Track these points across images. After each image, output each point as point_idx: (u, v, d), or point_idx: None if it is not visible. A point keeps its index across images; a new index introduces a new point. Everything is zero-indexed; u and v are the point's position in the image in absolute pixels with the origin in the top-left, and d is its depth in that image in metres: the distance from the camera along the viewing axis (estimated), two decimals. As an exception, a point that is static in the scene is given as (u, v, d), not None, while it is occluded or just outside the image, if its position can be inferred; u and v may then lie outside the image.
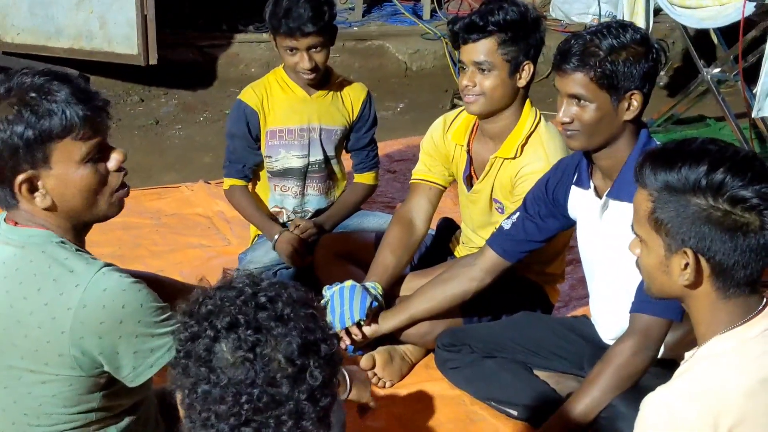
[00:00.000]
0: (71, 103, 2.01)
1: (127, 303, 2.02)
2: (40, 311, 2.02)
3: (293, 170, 3.87)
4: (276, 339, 1.52)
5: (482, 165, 3.38)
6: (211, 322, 1.54)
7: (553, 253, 3.43)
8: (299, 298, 1.59)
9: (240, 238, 4.38)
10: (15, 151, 2.01)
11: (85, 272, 2.02)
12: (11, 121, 1.99)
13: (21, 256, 2.06)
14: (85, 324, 2.00)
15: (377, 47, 7.11)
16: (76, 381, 2.08)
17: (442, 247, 3.77)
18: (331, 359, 1.57)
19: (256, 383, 1.50)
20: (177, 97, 6.43)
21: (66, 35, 5.96)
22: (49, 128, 2.00)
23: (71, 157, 2.03)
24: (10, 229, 2.10)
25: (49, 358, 2.04)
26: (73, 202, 2.08)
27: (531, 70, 3.25)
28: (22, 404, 2.11)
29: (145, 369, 2.08)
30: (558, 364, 3.16)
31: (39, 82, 2.03)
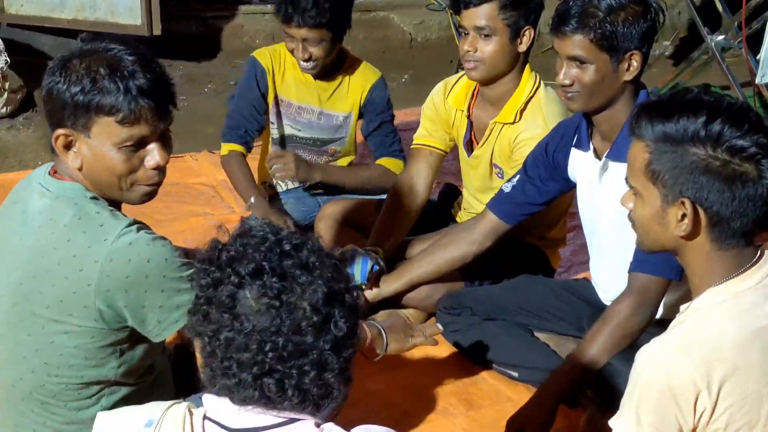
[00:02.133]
0: (132, 91, 2.02)
1: (152, 257, 2.06)
2: (68, 262, 2.06)
3: (293, 139, 3.88)
4: (301, 287, 1.51)
5: (482, 130, 3.38)
6: (235, 269, 1.52)
7: (554, 217, 3.43)
8: (322, 248, 1.58)
9: (243, 207, 4.39)
10: (64, 106, 2.05)
11: (113, 227, 2.06)
12: (73, 79, 2.04)
13: (55, 207, 2.10)
14: (111, 277, 2.04)
15: (382, 18, 7.09)
16: (98, 334, 2.11)
17: (444, 213, 3.77)
18: (354, 310, 1.56)
19: (281, 331, 1.49)
20: (181, 68, 6.42)
21: (69, 6, 5.93)
22: (98, 102, 2.03)
23: (109, 137, 2.06)
24: (49, 180, 2.14)
25: (74, 309, 2.08)
26: (97, 175, 2.12)
27: (531, 35, 3.24)
28: (43, 353, 2.14)
29: (170, 324, 2.12)
30: (558, 326, 3.17)
31: (119, 56, 2.05)
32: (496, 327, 3.18)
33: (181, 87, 6.17)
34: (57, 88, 2.06)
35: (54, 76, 2.07)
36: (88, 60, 2.06)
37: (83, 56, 2.07)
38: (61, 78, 2.06)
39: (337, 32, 3.63)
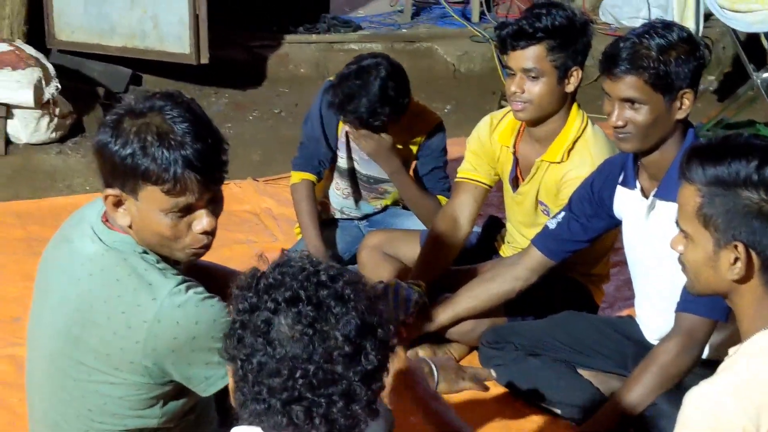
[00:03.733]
0: (178, 163, 1.99)
1: (200, 319, 2.04)
2: (117, 318, 2.05)
3: (346, 171, 3.91)
4: (335, 317, 1.53)
5: (528, 167, 3.38)
6: (272, 295, 1.54)
7: (599, 254, 3.42)
8: (359, 281, 1.60)
9: (286, 235, 4.43)
10: (114, 167, 2.04)
11: (162, 286, 2.05)
12: (122, 142, 2.01)
13: (106, 258, 2.09)
14: (158, 337, 2.03)
15: (426, 49, 7.13)
16: (144, 387, 2.11)
17: (487, 246, 3.77)
18: (386, 344, 1.57)
19: (313, 359, 1.51)
20: (227, 95, 6.50)
21: (119, 34, 6.02)
22: (145, 169, 2.00)
23: (155, 203, 2.03)
24: (101, 228, 2.13)
25: (120, 363, 2.08)
26: (146, 237, 2.10)
27: (579, 76, 3.23)
28: (88, 400, 2.15)
29: (217, 379, 2.10)
30: (602, 363, 3.16)
31: (171, 122, 2.01)
32: (540, 363, 3.17)
33: (227, 114, 6.24)
34: (108, 148, 2.03)
35: (106, 135, 2.04)
36: (140, 122, 2.02)
37: (136, 116, 2.03)
38: (112, 138, 2.03)
39: (379, 129, 3.59)
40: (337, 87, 3.56)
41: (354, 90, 3.49)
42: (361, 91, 3.48)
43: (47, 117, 5.38)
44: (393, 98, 3.52)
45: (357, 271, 1.64)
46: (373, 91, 3.48)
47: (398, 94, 3.54)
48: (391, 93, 3.51)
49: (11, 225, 4.46)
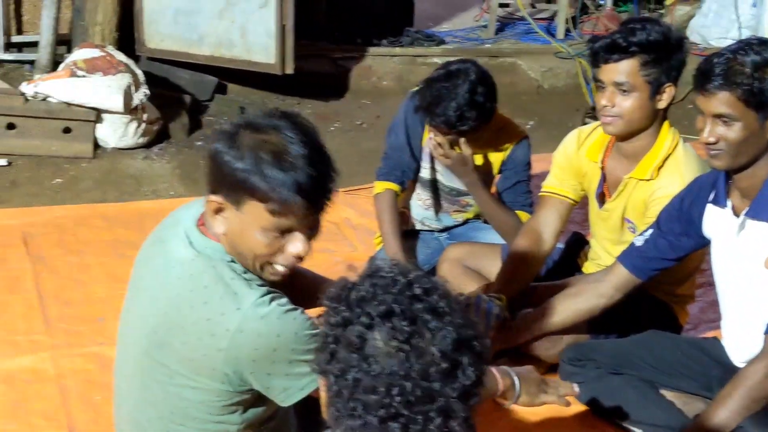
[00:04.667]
0: (287, 185, 1.98)
1: (282, 332, 2.04)
2: (201, 324, 2.07)
3: (428, 182, 3.91)
4: (431, 332, 1.49)
5: (615, 183, 3.34)
6: (365, 309, 1.51)
7: (685, 273, 3.36)
8: (451, 293, 1.56)
9: (366, 245, 4.44)
10: (223, 176, 2.05)
11: (246, 296, 2.05)
12: (237, 154, 2.02)
13: (196, 264, 2.11)
14: (240, 347, 2.05)
15: (509, 64, 7.12)
16: (224, 394, 2.13)
17: (570, 262, 3.74)
18: (482, 357, 1.53)
19: (410, 376, 1.47)
20: (310, 106, 6.56)
21: (207, 43, 6.12)
22: (254, 185, 2.01)
23: (257, 219, 2.04)
24: (195, 233, 2.16)
25: (202, 369, 2.10)
26: (238, 247, 2.10)
27: (672, 92, 3.17)
28: (170, 402, 2.18)
29: (296, 391, 2.11)
30: (686, 385, 3.10)
31: (287, 143, 2.01)
32: (622, 381, 3.13)
33: (310, 125, 6.29)
34: (222, 156, 2.04)
35: (222, 143, 2.06)
36: (257, 137, 2.03)
37: (254, 131, 2.04)
38: (227, 148, 2.04)
39: (467, 134, 3.57)
40: (425, 90, 3.56)
41: (442, 93, 3.48)
42: (450, 95, 3.47)
43: (135, 122, 5.49)
44: (481, 103, 3.50)
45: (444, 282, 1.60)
46: (462, 94, 3.46)
47: (486, 98, 3.52)
48: (480, 98, 3.49)
49: (98, 227, 4.55)
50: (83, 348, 3.54)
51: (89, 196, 4.99)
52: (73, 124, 5.41)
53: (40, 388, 3.32)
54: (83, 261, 4.21)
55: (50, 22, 5.91)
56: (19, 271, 4.08)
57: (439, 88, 3.50)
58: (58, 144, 5.40)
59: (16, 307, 3.82)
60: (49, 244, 4.34)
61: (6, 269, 4.10)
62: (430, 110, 3.52)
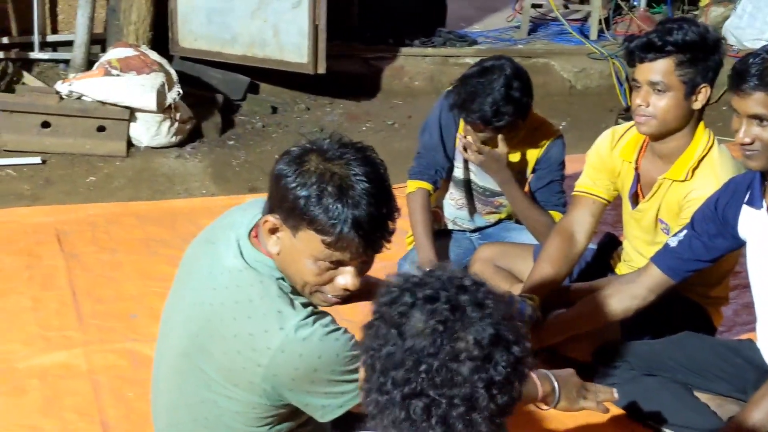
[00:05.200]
0: (347, 221, 1.96)
1: (323, 354, 2.04)
2: (243, 338, 2.06)
3: (461, 182, 3.89)
4: (471, 321, 1.52)
5: (650, 184, 3.31)
6: (413, 292, 1.56)
7: (719, 275, 3.33)
8: (501, 296, 1.59)
9: (397, 244, 4.39)
10: (284, 199, 2.03)
11: (290, 317, 2.05)
12: (301, 181, 2.00)
13: (244, 276, 2.11)
14: (280, 366, 2.04)
15: (542, 65, 7.09)
16: (260, 407, 2.13)
17: (602, 263, 3.71)
18: (520, 362, 1.53)
19: (438, 355, 1.50)
20: (342, 106, 6.56)
21: (240, 42, 6.13)
22: (314, 216, 1.99)
23: (311, 248, 2.03)
24: (247, 244, 2.15)
25: (240, 381, 2.10)
26: (288, 270, 2.10)
27: (708, 93, 3.14)
28: (205, 408, 2.18)
29: (334, 408, 2.11)
30: (720, 387, 3.08)
31: (353, 179, 1.98)
32: (655, 383, 3.11)
33: (341, 124, 6.31)
34: (286, 179, 2.02)
35: (288, 166, 2.03)
36: (324, 167, 1.99)
37: (322, 159, 2.01)
38: (293, 173, 2.01)
39: (502, 130, 3.55)
40: (460, 87, 3.54)
41: (477, 89, 3.46)
42: (485, 90, 3.45)
43: (168, 121, 5.52)
44: (517, 98, 3.48)
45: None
46: (497, 89, 3.44)
47: (522, 93, 3.50)
48: (515, 93, 3.47)
49: (131, 225, 4.57)
50: (115, 344, 3.57)
51: (122, 194, 5.03)
52: (107, 123, 5.44)
53: (73, 383, 3.35)
54: (116, 258, 4.24)
55: (85, 22, 5.95)
56: (52, 268, 4.11)
57: (474, 84, 3.48)
58: (92, 142, 5.44)
59: (50, 303, 3.85)
60: (82, 242, 4.37)
61: (40, 266, 4.13)
62: (466, 107, 3.50)
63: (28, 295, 3.90)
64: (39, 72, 6.20)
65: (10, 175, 5.17)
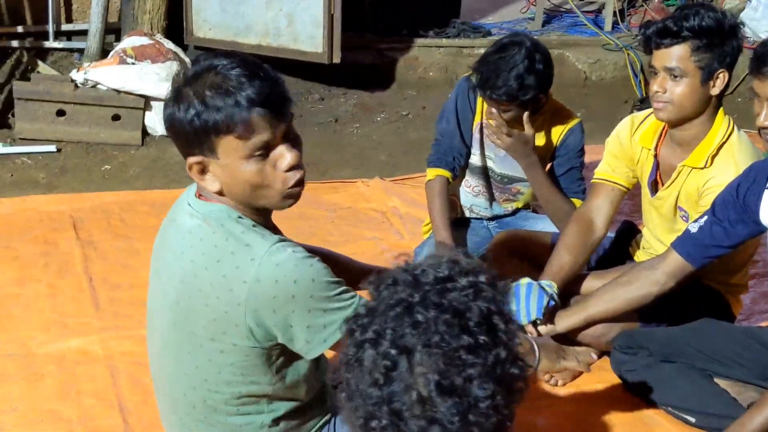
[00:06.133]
0: (241, 104, 2.01)
1: (299, 278, 2.05)
2: (219, 282, 2.08)
3: (478, 169, 3.88)
4: (416, 363, 1.38)
5: (669, 171, 3.29)
6: (366, 327, 1.44)
7: (739, 262, 3.32)
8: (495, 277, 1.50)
9: (413, 234, 4.43)
10: (186, 134, 2.07)
11: (259, 246, 2.07)
12: (185, 107, 2.05)
13: (204, 228, 2.13)
14: (259, 297, 2.05)
15: (557, 56, 7.01)
16: (251, 351, 2.14)
17: (621, 251, 3.70)
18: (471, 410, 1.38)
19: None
20: (356, 97, 6.55)
21: (254, 32, 6.13)
22: (213, 122, 2.02)
23: (235, 152, 2.05)
24: (196, 201, 2.18)
25: (227, 327, 2.11)
26: (239, 193, 2.11)
27: (726, 79, 3.12)
28: (203, 370, 2.19)
29: (318, 343, 2.11)
30: (739, 373, 3.06)
31: (224, 73, 2.04)
32: (674, 370, 3.09)
33: (355, 115, 6.29)
34: (175, 118, 2.07)
35: (170, 108, 2.09)
36: (196, 84, 2.05)
37: (192, 81, 2.07)
38: (176, 107, 2.07)
39: (527, 105, 3.54)
40: (480, 66, 3.53)
41: (500, 65, 3.46)
42: (508, 65, 3.45)
43: (183, 110, 5.50)
44: (540, 70, 3.48)
45: (492, 272, 1.52)
46: (520, 62, 3.44)
47: (544, 65, 3.50)
48: (538, 65, 3.47)
49: (146, 213, 4.57)
50: (132, 330, 3.57)
51: (137, 183, 5.03)
52: (122, 112, 5.44)
53: (90, 369, 3.35)
54: (131, 246, 4.24)
55: (100, 10, 5.95)
56: (69, 256, 4.12)
57: (496, 61, 3.48)
58: (107, 131, 5.44)
59: (66, 290, 3.85)
60: (98, 230, 4.38)
61: (56, 253, 4.14)
62: (490, 84, 3.49)
63: (45, 282, 3.91)
64: (53, 61, 6.20)
65: (26, 163, 5.18)
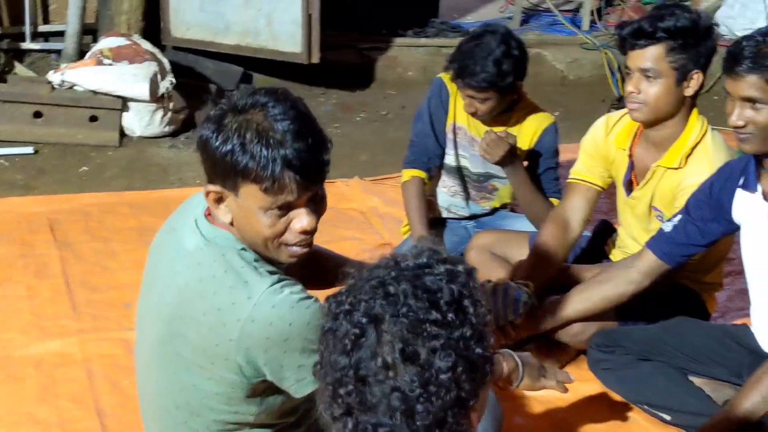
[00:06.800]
0: (277, 161, 1.95)
1: (294, 321, 2.02)
2: (212, 314, 2.05)
3: (453, 169, 3.89)
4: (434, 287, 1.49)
5: (643, 171, 3.31)
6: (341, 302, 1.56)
7: (713, 261, 3.34)
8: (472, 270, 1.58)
9: (392, 233, 4.44)
10: (215, 163, 2.03)
11: (257, 285, 2.03)
12: (223, 138, 2.00)
13: (205, 253, 2.09)
14: (252, 337, 2.02)
15: (534, 55, 7.06)
16: (238, 384, 2.11)
17: (597, 250, 3.72)
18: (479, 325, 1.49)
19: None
20: (335, 96, 6.56)
21: (233, 32, 6.12)
22: (244, 166, 1.98)
23: (255, 201, 2.02)
24: (204, 222, 2.14)
25: (216, 359, 2.08)
26: (246, 233, 2.08)
27: (700, 80, 3.14)
28: (186, 393, 2.16)
29: (308, 383, 2.08)
30: (715, 371, 3.08)
31: (273, 122, 1.99)
32: (651, 368, 3.11)
33: (335, 115, 6.30)
34: (209, 143, 2.02)
35: (208, 130, 2.03)
36: (241, 118, 2.00)
37: (238, 113, 2.02)
38: (214, 134, 2.01)
39: (506, 91, 3.58)
40: (456, 56, 3.56)
41: (475, 52, 3.50)
42: (483, 51, 3.49)
43: (161, 111, 5.50)
44: (516, 55, 3.53)
45: (470, 269, 1.58)
46: (495, 47, 3.49)
47: (520, 51, 3.56)
48: (514, 51, 3.52)
49: (125, 215, 4.57)
50: (110, 333, 3.57)
51: (115, 184, 5.02)
52: (100, 113, 5.43)
53: (68, 371, 3.35)
54: (109, 248, 4.24)
55: (76, 11, 5.93)
56: (46, 258, 4.11)
57: (472, 48, 3.52)
58: (85, 132, 5.42)
59: (44, 292, 3.84)
60: (75, 231, 4.37)
61: (34, 255, 4.13)
62: (468, 71, 3.51)
63: (23, 284, 3.90)
64: (30, 62, 6.18)
65: (3, 165, 5.16)
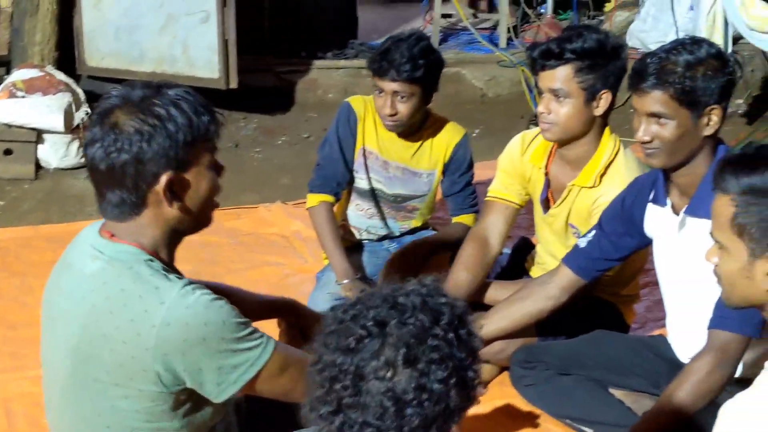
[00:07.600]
0: (199, 113, 2.11)
1: (209, 320, 2.02)
2: (125, 327, 2.03)
3: (367, 192, 3.89)
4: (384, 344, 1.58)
5: (560, 189, 3.36)
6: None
7: (629, 275, 3.40)
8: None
9: (316, 257, 4.43)
10: (160, 154, 2.05)
11: (168, 290, 2.03)
12: (126, 139, 2.03)
13: (108, 271, 2.08)
14: (168, 341, 2.01)
15: (453, 74, 7.14)
16: (158, 397, 2.09)
17: (518, 267, 3.75)
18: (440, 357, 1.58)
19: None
20: (256, 120, 6.54)
21: (149, 59, 6.08)
22: (206, 129, 2.10)
23: (202, 162, 2.11)
24: (103, 243, 2.11)
25: (134, 373, 2.06)
26: (196, 208, 2.12)
27: (609, 99, 3.20)
28: (105, 417, 2.13)
29: (228, 385, 2.08)
30: (634, 383, 3.12)
31: (172, 92, 2.13)
32: (571, 382, 3.15)
33: (256, 139, 6.29)
34: (136, 149, 2.03)
35: (114, 145, 2.04)
36: (133, 110, 2.07)
37: (124, 111, 2.07)
38: (123, 139, 2.05)
39: (427, 90, 3.63)
40: (379, 53, 3.63)
41: (391, 46, 3.59)
42: (398, 45, 3.57)
43: (77, 142, 5.44)
44: (429, 52, 3.62)
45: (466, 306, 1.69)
46: (410, 42, 3.59)
47: (432, 50, 3.67)
48: (427, 48, 3.62)
49: (42, 249, 4.49)
50: (30, 371, 3.48)
51: (32, 217, 4.94)
52: (14, 146, 5.35)
53: (-13, 412, 3.27)
54: (27, 283, 4.16)
55: (-12, 44, 5.84)
56: (-38, 295, 4.02)
57: (387, 46, 3.60)
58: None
59: (-39, 331, 3.76)
60: (-8, 267, 4.28)
61: (-51, 293, 4.04)
62: (393, 63, 3.54)
63: (-62, 323, 3.81)
64: (-58, 96, 6.05)
65: None
